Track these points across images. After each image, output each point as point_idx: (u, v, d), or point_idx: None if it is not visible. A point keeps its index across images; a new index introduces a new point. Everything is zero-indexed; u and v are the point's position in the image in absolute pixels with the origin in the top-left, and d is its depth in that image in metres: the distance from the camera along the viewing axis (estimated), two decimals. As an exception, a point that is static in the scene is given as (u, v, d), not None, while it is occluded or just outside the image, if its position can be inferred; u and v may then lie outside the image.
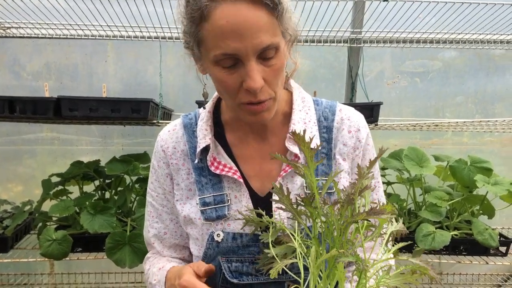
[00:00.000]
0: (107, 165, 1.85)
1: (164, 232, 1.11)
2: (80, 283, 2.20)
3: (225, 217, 1.01)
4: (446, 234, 1.72)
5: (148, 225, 1.13)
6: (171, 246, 1.12)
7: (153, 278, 1.03)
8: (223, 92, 0.92)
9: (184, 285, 0.87)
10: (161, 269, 1.03)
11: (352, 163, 1.05)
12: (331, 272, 0.84)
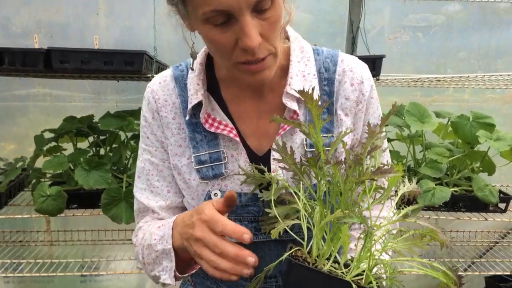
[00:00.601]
0: (100, 121, 1.80)
1: (167, 190, 1.03)
2: (76, 240, 2.19)
3: (222, 175, 0.97)
4: (446, 190, 1.70)
5: (145, 188, 1.04)
6: (175, 207, 1.05)
7: (152, 238, 0.94)
8: (215, 52, 0.84)
9: (205, 219, 0.80)
10: (161, 226, 0.94)
11: (355, 118, 1.00)
12: (335, 235, 0.82)
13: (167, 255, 0.90)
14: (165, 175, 1.03)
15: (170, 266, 0.90)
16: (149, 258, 0.94)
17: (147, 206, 1.04)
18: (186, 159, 0.99)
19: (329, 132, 0.98)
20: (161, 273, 0.92)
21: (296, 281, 0.78)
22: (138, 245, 1.01)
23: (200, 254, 0.79)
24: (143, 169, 1.04)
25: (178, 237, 0.88)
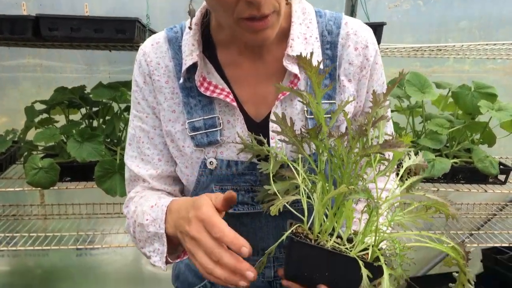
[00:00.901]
0: (93, 91, 1.75)
1: (158, 158, 0.99)
2: (71, 214, 2.16)
3: (218, 143, 0.92)
4: (446, 162, 1.68)
5: (136, 156, 1.00)
6: (167, 176, 1.01)
7: (145, 217, 0.89)
8: (217, 6, 0.79)
9: (202, 218, 0.73)
10: (154, 206, 0.89)
11: (358, 84, 0.96)
12: (338, 210, 0.78)
13: (159, 239, 0.86)
14: (156, 142, 0.98)
15: (161, 249, 0.86)
16: (141, 236, 0.90)
17: (138, 174, 0.99)
18: (180, 125, 0.94)
19: (331, 98, 0.93)
20: (152, 254, 0.88)
21: (299, 259, 0.75)
22: (129, 217, 0.97)
23: (194, 254, 0.74)
24: (133, 136, 1.00)
25: (171, 224, 0.83)
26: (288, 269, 0.77)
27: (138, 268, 2.49)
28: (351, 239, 0.80)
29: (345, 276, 0.74)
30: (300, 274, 0.76)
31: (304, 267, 0.75)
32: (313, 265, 0.74)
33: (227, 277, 0.71)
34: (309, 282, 0.75)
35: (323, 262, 0.74)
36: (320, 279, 0.74)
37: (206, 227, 0.73)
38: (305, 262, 0.75)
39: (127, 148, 1.02)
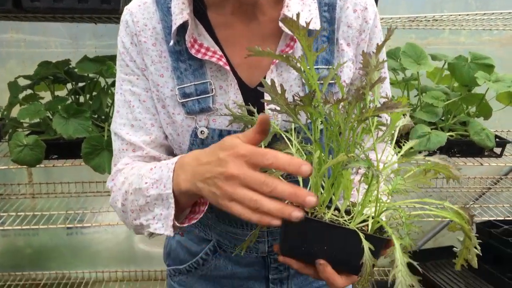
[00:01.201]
0: (78, 65, 1.69)
1: (151, 123, 0.91)
2: (59, 193, 2.12)
3: (210, 110, 0.87)
4: (442, 135, 1.65)
5: (125, 122, 0.92)
6: (161, 145, 0.94)
7: (143, 181, 0.81)
8: None
9: (243, 153, 0.64)
10: (155, 168, 0.81)
11: (357, 49, 0.91)
12: (336, 181, 0.74)
13: (163, 201, 0.78)
14: (149, 106, 0.91)
15: (165, 213, 0.78)
16: (134, 205, 0.83)
17: (130, 142, 0.91)
18: (169, 90, 0.89)
19: (329, 63, 0.89)
20: (151, 222, 0.81)
21: (295, 234, 0.72)
22: (116, 190, 0.90)
23: (233, 194, 0.65)
24: (123, 101, 0.92)
25: (186, 177, 0.74)
26: (284, 244, 0.73)
27: (130, 247, 2.47)
28: (349, 211, 0.77)
29: (344, 249, 0.70)
30: (297, 249, 0.72)
31: (301, 241, 0.71)
32: (310, 240, 0.71)
33: (278, 209, 0.63)
34: (307, 257, 0.72)
35: (321, 235, 0.71)
36: (318, 254, 0.71)
37: (249, 161, 0.64)
38: (302, 236, 0.71)
39: (115, 117, 0.94)
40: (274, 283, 1.04)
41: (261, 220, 0.64)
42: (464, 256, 0.71)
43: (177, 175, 0.76)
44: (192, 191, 0.73)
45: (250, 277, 1.04)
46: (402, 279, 0.62)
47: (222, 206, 0.67)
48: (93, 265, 2.47)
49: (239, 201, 0.64)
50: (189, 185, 0.73)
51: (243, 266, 1.03)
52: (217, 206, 0.68)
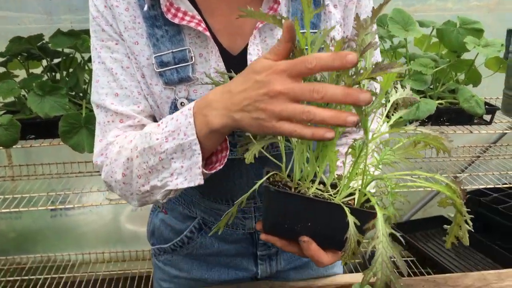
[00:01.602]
0: (51, 40, 1.61)
1: (137, 91, 0.84)
2: (40, 174, 2.05)
3: (190, 80, 0.82)
4: (431, 103, 1.61)
5: (108, 92, 0.84)
6: (151, 116, 0.88)
7: (152, 138, 0.75)
8: None
9: (282, 68, 0.60)
10: (163, 123, 0.75)
11: (345, 11, 0.86)
12: (321, 153, 0.70)
13: (184, 152, 0.72)
14: (133, 72, 0.84)
15: (188, 164, 0.73)
16: (142, 168, 0.77)
17: (115, 112, 0.84)
18: (145, 59, 0.82)
19: (315, 27, 0.83)
20: (168, 180, 0.75)
21: (277, 211, 0.67)
22: (111, 162, 0.82)
23: (282, 111, 0.60)
24: (103, 70, 0.84)
25: (216, 114, 0.68)
26: (266, 221, 0.69)
27: (117, 227, 2.43)
28: (335, 184, 0.73)
29: (329, 225, 0.66)
30: (279, 226, 0.68)
31: (283, 218, 0.67)
32: (293, 216, 0.67)
33: (333, 116, 0.59)
34: (290, 234, 0.68)
35: (304, 211, 0.66)
36: (302, 230, 0.67)
37: (292, 72, 0.60)
38: (284, 213, 0.67)
39: (95, 87, 0.86)
40: (262, 260, 1.00)
41: (314, 134, 0.60)
42: (455, 233, 0.68)
43: (203, 116, 0.70)
44: (228, 125, 0.67)
45: (238, 254, 1.00)
46: (382, 251, 0.59)
47: (269, 129, 0.63)
48: (79, 247, 2.43)
49: (289, 117, 0.61)
50: (224, 120, 0.67)
51: (230, 243, 0.99)
52: (261, 133, 0.65)
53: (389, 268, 0.58)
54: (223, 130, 0.69)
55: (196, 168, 0.72)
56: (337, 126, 0.60)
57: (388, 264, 0.58)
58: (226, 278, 1.02)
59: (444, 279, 1.01)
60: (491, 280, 1.01)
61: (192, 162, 0.72)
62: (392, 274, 0.58)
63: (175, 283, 1.06)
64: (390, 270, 0.58)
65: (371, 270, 0.59)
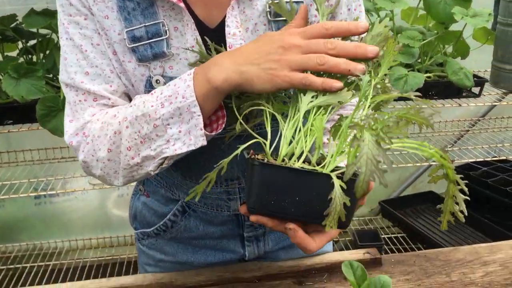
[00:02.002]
0: (24, 20, 1.55)
1: (110, 70, 0.80)
2: (21, 161, 2.00)
3: (165, 56, 0.77)
4: (419, 76, 1.58)
5: (78, 70, 0.79)
6: (126, 95, 0.83)
7: (147, 105, 0.72)
8: None
9: (299, 31, 0.65)
10: (156, 91, 0.73)
11: None
12: (308, 131, 0.66)
13: (182, 116, 0.69)
14: (103, 50, 0.79)
15: (186, 128, 0.70)
16: (134, 139, 0.73)
17: (86, 91, 0.79)
18: (117, 34, 0.77)
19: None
20: (164, 147, 0.72)
21: (263, 186, 0.63)
22: (93, 139, 0.77)
23: (295, 60, 0.63)
24: (72, 47, 0.79)
25: (220, 70, 0.67)
26: (251, 200, 0.65)
27: (104, 213, 2.39)
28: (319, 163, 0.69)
29: (317, 198, 0.63)
30: (266, 203, 0.64)
31: (269, 194, 0.64)
32: (280, 190, 0.63)
33: (345, 61, 0.63)
34: (277, 211, 0.65)
35: (291, 185, 0.63)
36: (290, 206, 0.64)
37: (308, 34, 0.65)
38: (270, 188, 0.63)
39: (63, 65, 0.81)
40: (249, 241, 0.97)
41: (324, 82, 0.63)
42: (450, 208, 0.64)
43: (203, 74, 0.69)
44: (231, 80, 0.66)
45: (224, 236, 0.97)
46: (367, 150, 0.55)
47: (280, 78, 0.64)
48: (66, 234, 2.39)
49: (302, 65, 0.63)
50: (227, 74, 0.66)
51: (215, 226, 0.96)
52: (268, 86, 0.65)
53: (374, 164, 0.54)
54: (225, 86, 0.67)
55: (197, 130, 0.70)
56: (347, 74, 0.63)
57: (373, 160, 0.54)
58: (213, 260, 0.99)
59: (435, 254, 0.99)
60: (483, 253, 0.99)
61: (191, 125, 0.70)
62: (377, 170, 0.54)
63: (160, 267, 1.02)
64: (375, 166, 0.54)
65: (354, 164, 0.55)
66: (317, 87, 0.63)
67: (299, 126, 0.67)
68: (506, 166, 2.21)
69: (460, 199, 0.63)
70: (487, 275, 0.92)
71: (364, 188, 0.54)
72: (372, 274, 0.91)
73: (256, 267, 0.95)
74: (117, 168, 0.78)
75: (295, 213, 0.64)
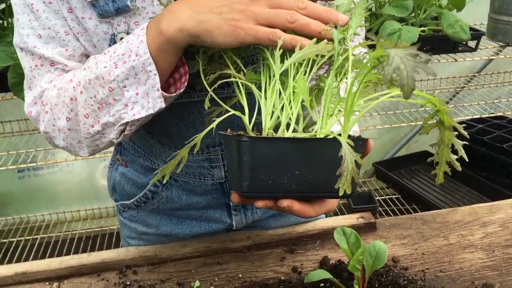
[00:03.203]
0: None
1: (65, 32, 0.72)
2: (1, 133, 1.93)
3: (128, 10, 0.69)
4: (414, 30, 1.51)
5: (30, 33, 0.71)
6: (84, 56, 0.76)
7: (100, 67, 0.65)
8: None
9: None
10: (109, 51, 0.66)
11: None
12: (291, 94, 0.59)
13: (137, 76, 0.62)
14: (57, 8, 0.71)
15: (143, 90, 0.63)
16: (90, 105, 0.66)
17: (41, 56, 0.72)
18: None
19: None
20: (122, 112, 0.65)
21: (256, 164, 0.55)
22: (52, 108, 0.71)
23: (263, 13, 0.57)
24: (23, 5, 0.71)
25: (174, 18, 0.60)
26: (245, 183, 0.56)
27: (91, 184, 2.34)
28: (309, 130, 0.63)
29: (322, 167, 0.56)
30: (262, 185, 0.56)
31: (265, 173, 0.56)
32: (277, 167, 0.56)
33: (314, 22, 0.57)
34: (277, 192, 0.57)
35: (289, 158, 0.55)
36: (290, 183, 0.57)
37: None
38: (265, 166, 0.55)
39: (16, 26, 0.73)
40: (236, 210, 0.92)
41: (292, 39, 0.56)
42: (446, 158, 0.58)
43: (156, 26, 0.61)
44: (186, 29, 0.59)
45: (209, 206, 0.91)
46: (396, 52, 0.46)
47: (243, 31, 0.57)
48: (54, 206, 2.34)
49: (270, 19, 0.57)
50: (183, 23, 0.59)
51: (199, 195, 0.90)
52: (229, 39, 0.57)
53: (410, 59, 0.45)
54: (179, 37, 0.59)
55: (154, 91, 0.63)
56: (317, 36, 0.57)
57: (408, 57, 0.45)
58: (198, 231, 0.94)
59: (432, 216, 0.95)
60: (482, 214, 0.95)
61: (148, 86, 0.63)
62: (417, 63, 0.45)
63: (143, 239, 0.97)
64: (413, 60, 0.45)
65: (390, 64, 0.45)
66: (286, 45, 0.56)
67: (279, 91, 0.59)
68: (502, 122, 2.17)
69: (458, 145, 0.57)
70: (487, 237, 0.88)
71: (412, 85, 0.44)
72: (366, 239, 0.88)
73: (245, 236, 0.91)
74: (79, 138, 0.71)
75: (296, 189, 0.57)
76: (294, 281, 0.78)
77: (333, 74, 0.59)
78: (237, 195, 0.60)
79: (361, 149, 0.58)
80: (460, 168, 0.58)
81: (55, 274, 0.83)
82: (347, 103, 0.55)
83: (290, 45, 0.56)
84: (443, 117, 0.55)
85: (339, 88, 0.60)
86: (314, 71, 0.60)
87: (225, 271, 0.83)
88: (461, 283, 0.76)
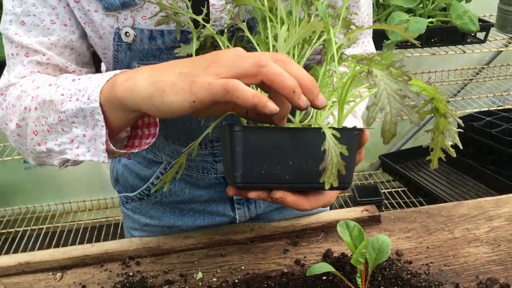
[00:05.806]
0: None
1: (50, 20, 0.70)
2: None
3: (135, 4, 0.68)
4: (422, 21, 1.49)
5: (13, 19, 0.70)
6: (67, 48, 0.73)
7: (57, 93, 0.62)
8: None
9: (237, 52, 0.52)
10: (78, 80, 0.62)
11: None
12: None
13: (86, 119, 0.59)
14: (57, 10, 0.70)
15: (91, 134, 0.60)
16: (40, 124, 0.64)
17: (19, 44, 0.70)
18: None
19: None
20: (67, 146, 0.62)
21: (248, 154, 0.55)
22: (8, 106, 0.70)
23: (222, 66, 0.50)
24: None
25: (128, 78, 0.55)
26: (238, 174, 0.56)
27: (98, 174, 2.34)
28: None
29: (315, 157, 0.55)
30: (256, 175, 0.56)
31: (258, 163, 0.55)
32: (269, 157, 0.55)
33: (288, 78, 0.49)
34: (271, 182, 0.57)
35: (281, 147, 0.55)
36: (284, 173, 0.56)
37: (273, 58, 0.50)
38: (258, 155, 0.55)
39: (3, 14, 0.72)
40: (239, 204, 0.91)
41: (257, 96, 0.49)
42: (441, 144, 0.57)
43: (118, 77, 0.57)
44: (136, 91, 0.53)
45: (212, 199, 0.91)
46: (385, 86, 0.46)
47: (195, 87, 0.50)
48: (60, 196, 2.35)
49: (232, 69, 0.50)
50: (136, 82, 0.54)
51: (202, 189, 0.90)
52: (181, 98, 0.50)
53: (397, 100, 0.45)
54: (130, 97, 0.54)
55: (99, 142, 0.59)
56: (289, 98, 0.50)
57: (396, 96, 0.46)
58: (201, 223, 0.94)
59: (437, 209, 0.94)
60: (488, 208, 0.94)
61: (96, 133, 0.59)
62: (403, 107, 0.45)
63: (146, 231, 0.97)
64: (400, 102, 0.45)
65: (375, 104, 0.46)
66: (246, 99, 0.48)
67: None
68: (511, 115, 2.14)
69: (453, 133, 0.56)
70: (492, 231, 0.87)
71: (392, 131, 0.45)
72: (370, 232, 0.87)
73: (249, 228, 0.90)
74: (27, 147, 0.69)
75: (290, 180, 0.56)
76: (296, 274, 0.77)
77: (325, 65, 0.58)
78: (233, 188, 0.59)
79: (355, 140, 0.56)
80: (454, 155, 0.59)
81: (59, 264, 0.83)
82: (340, 94, 0.55)
83: (251, 102, 0.49)
84: (438, 104, 0.55)
85: (333, 77, 0.60)
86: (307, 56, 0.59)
87: (228, 263, 0.82)
88: (466, 277, 0.75)
